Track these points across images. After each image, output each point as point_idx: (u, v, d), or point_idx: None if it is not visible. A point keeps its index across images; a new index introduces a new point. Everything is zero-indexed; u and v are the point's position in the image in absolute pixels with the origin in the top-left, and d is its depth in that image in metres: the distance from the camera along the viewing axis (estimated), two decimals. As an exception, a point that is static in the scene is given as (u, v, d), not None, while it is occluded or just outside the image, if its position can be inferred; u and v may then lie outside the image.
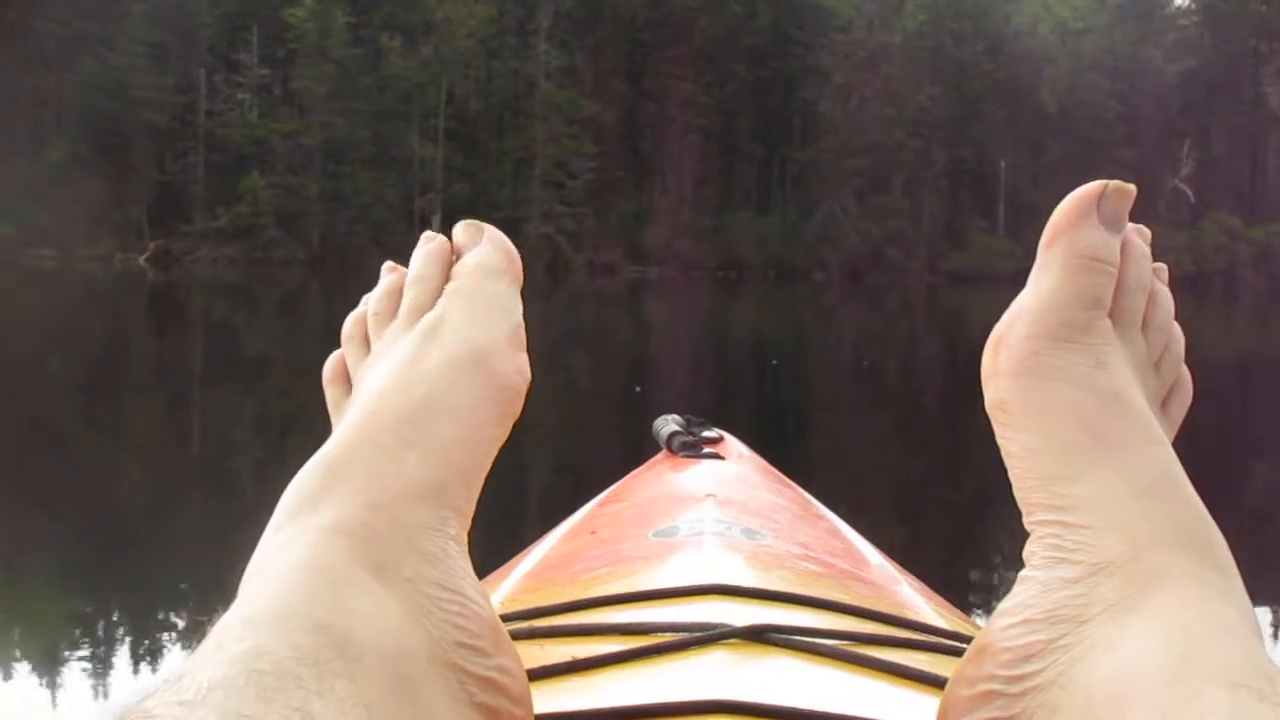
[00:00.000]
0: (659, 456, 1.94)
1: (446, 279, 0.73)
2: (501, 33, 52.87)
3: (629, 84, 54.85)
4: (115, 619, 3.95)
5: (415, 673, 0.56)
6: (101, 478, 6.50)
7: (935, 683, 0.77)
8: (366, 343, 0.74)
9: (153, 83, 47.51)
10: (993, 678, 0.58)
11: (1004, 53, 57.82)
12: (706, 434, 2.01)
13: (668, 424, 2.02)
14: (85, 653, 3.55)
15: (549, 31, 52.79)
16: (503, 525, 4.34)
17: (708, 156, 54.99)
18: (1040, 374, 0.62)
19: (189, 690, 0.48)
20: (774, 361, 13.23)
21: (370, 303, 0.75)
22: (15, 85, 48.13)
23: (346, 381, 0.74)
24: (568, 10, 53.43)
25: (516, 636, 0.79)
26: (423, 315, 0.71)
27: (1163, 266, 0.70)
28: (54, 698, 3.18)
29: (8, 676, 3.36)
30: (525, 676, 0.64)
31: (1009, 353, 0.63)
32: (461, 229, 0.75)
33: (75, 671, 3.37)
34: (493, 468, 0.67)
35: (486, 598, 0.63)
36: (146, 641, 3.70)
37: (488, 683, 0.60)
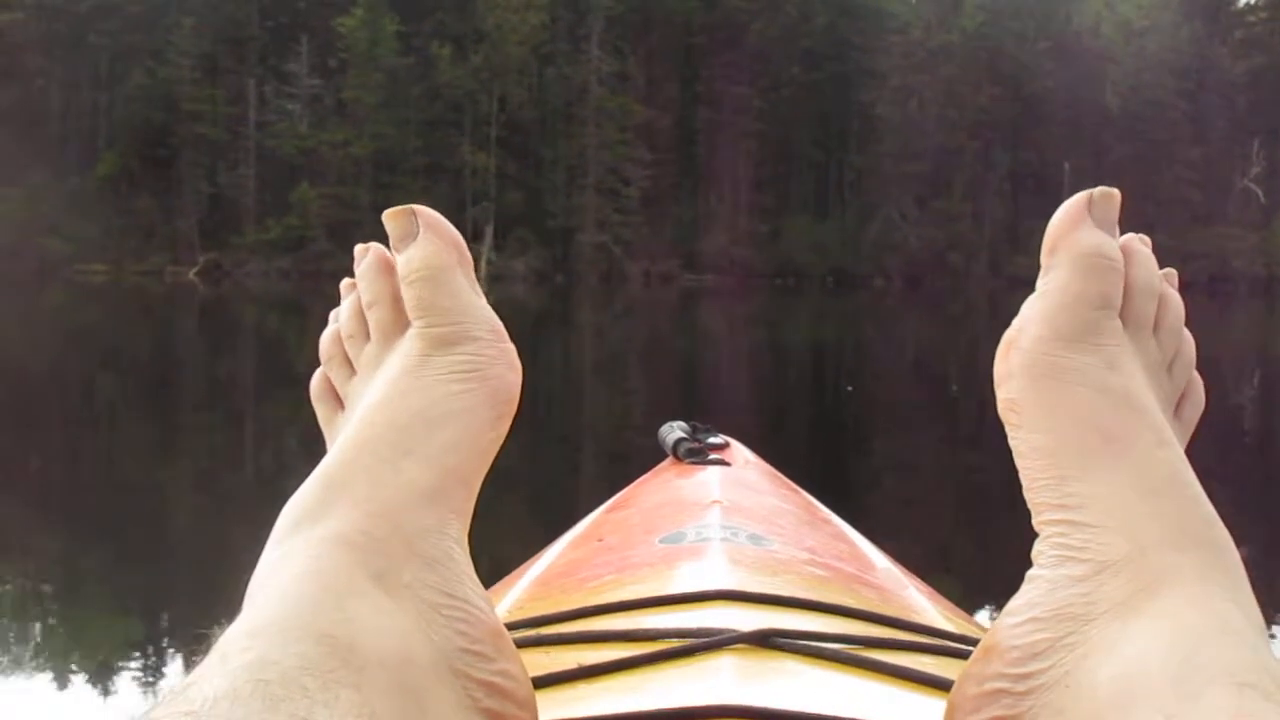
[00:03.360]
0: (665, 463, 1.93)
1: (396, 283, 0.71)
2: (553, 39, 52.29)
3: (683, 89, 54.12)
4: (164, 632, 3.93)
5: (419, 680, 0.57)
6: (152, 493, 6.39)
7: (942, 686, 0.78)
8: (348, 361, 0.74)
9: (203, 95, 47.51)
10: (1000, 676, 0.59)
11: (1066, 52, 56.58)
12: (712, 440, 2.00)
13: (673, 430, 2.02)
14: (136, 665, 3.52)
15: (601, 37, 52.11)
16: (511, 533, 4.32)
17: (764, 161, 54.13)
18: (1052, 374, 0.63)
19: (195, 700, 0.49)
20: (849, 388, 12.19)
21: (342, 324, 0.75)
22: (67, 100, 48.26)
23: (335, 399, 0.74)
24: (620, 15, 52.71)
25: (524, 644, 0.82)
26: (391, 334, 0.71)
27: (1172, 272, 0.71)
28: (102, 708, 3.19)
29: (55, 687, 3.32)
30: (529, 681, 0.65)
31: (1020, 355, 0.64)
32: (392, 221, 0.71)
33: (125, 684, 3.35)
34: (510, 477, 0.71)
35: (489, 602, 0.64)
36: (197, 656, 3.23)
37: (492, 688, 0.61)
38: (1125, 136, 55.75)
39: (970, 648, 0.85)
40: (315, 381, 0.74)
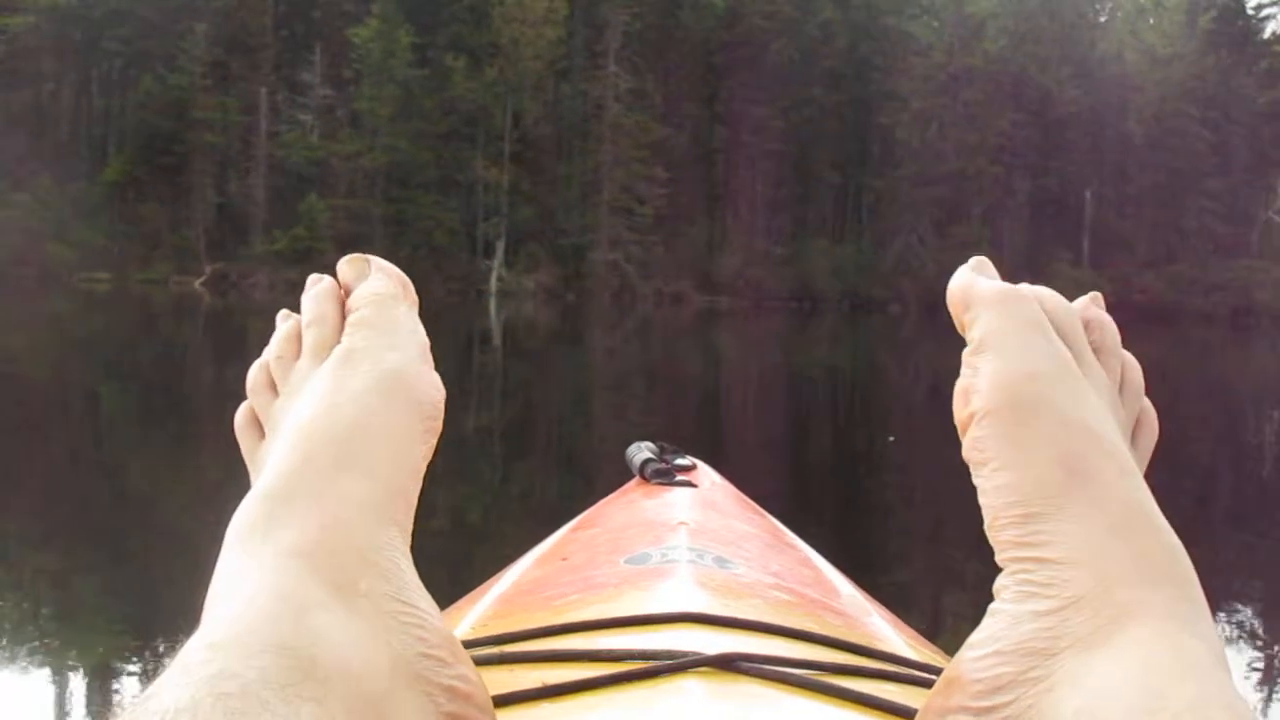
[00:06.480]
0: (632, 483, 1.93)
1: (343, 315, 0.74)
2: (570, 54, 51.74)
3: (701, 107, 53.52)
4: (160, 641, 3.84)
5: (382, 689, 0.57)
6: (152, 503, 6.40)
7: (905, 714, 0.78)
8: (273, 388, 0.75)
9: (213, 103, 46.99)
10: (963, 709, 0.59)
11: (1089, 79, 56.00)
12: (679, 461, 2.00)
13: (641, 451, 2.01)
14: (135, 673, 3.49)
15: (619, 53, 51.54)
16: (474, 550, 4.24)
17: (781, 183, 53.54)
18: (1011, 407, 0.63)
19: (155, 712, 0.49)
20: (891, 439, 11.35)
21: (271, 349, 0.76)
22: (76, 104, 47.87)
23: (259, 429, 0.74)
24: (638, 31, 52.14)
25: (486, 661, 0.83)
26: (323, 353, 0.73)
27: (1097, 294, 0.73)
28: (87, 713, 3.20)
29: (44, 692, 3.33)
30: (485, 685, 0.65)
31: (980, 396, 0.64)
32: (347, 264, 0.76)
33: (118, 689, 3.34)
34: (477, 494, 0.73)
35: (437, 609, 0.65)
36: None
37: (453, 692, 0.62)
38: (1148, 165, 55.17)
39: (933, 676, 0.87)
40: (240, 415, 0.75)
